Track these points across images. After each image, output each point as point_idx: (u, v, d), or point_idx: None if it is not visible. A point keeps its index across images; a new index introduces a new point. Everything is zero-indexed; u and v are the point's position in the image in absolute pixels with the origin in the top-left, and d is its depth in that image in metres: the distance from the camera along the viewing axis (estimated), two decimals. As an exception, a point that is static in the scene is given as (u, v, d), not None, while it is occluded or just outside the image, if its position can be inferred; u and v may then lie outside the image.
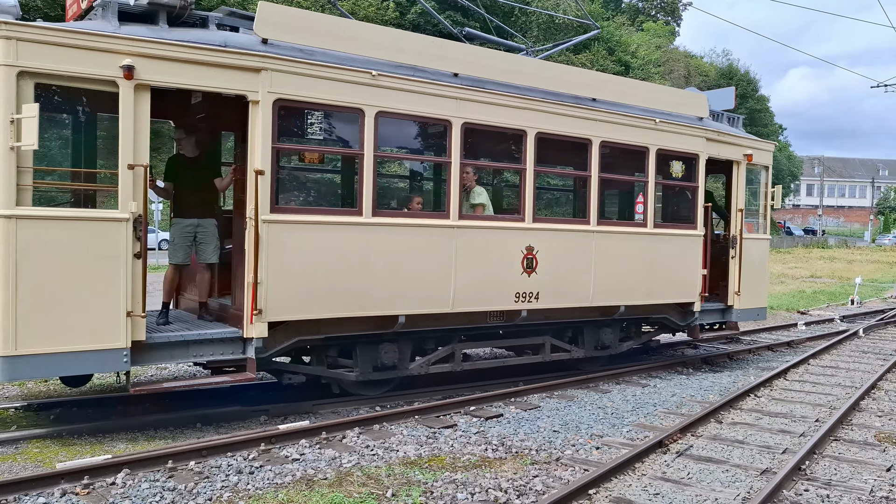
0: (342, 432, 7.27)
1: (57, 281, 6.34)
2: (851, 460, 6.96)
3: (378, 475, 6.16)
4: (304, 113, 8.02)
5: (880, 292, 27.68)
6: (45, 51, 6.23)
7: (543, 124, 9.11)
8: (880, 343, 14.75)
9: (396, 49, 8.16)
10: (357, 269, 7.76)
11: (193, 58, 6.87)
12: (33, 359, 6.29)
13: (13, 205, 6.16)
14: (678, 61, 71.72)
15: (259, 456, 6.51)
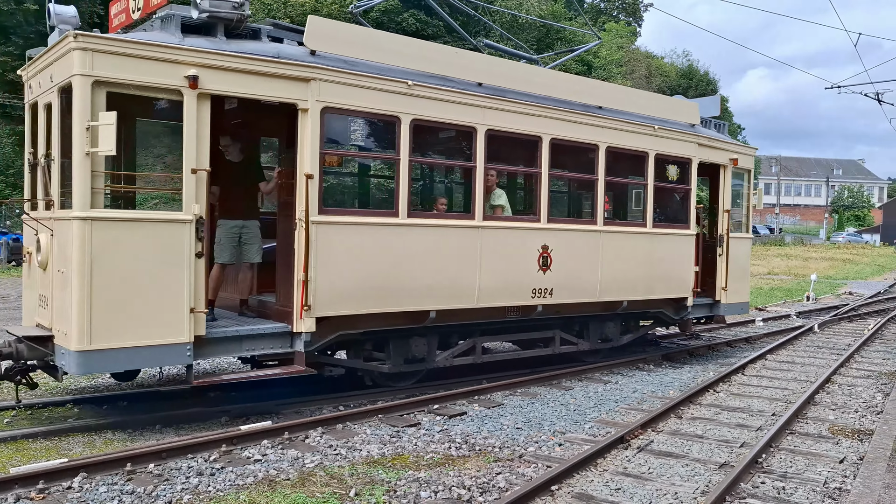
0: (305, 432, 7.22)
1: (127, 279, 6.63)
2: (806, 453, 7.12)
3: (341, 475, 6.14)
4: (348, 120, 8.62)
5: (834, 289, 28.37)
6: (117, 61, 6.52)
7: (557, 131, 9.67)
8: (834, 338, 15.12)
9: (427, 60, 8.64)
10: (393, 267, 8.20)
11: (250, 68, 7.23)
12: (106, 353, 6.58)
13: (88, 207, 6.45)
14: (639, 62, 72.62)
15: (220, 457, 6.44)
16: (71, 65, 6.46)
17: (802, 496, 5.94)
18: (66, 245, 6.62)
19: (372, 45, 8.23)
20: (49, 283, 7.11)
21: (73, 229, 6.45)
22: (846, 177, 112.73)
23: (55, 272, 6.95)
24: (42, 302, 7.37)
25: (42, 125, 7.51)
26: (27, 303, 8.04)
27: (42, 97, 7.43)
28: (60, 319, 6.82)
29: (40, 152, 7.52)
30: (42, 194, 7.48)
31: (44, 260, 7.18)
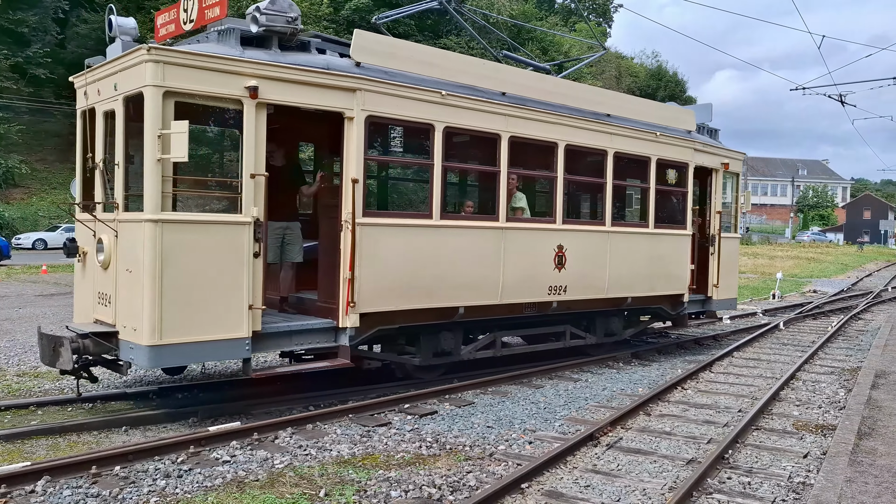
0: (275, 433, 7.17)
1: (193, 278, 7.01)
2: (771, 448, 7.24)
3: (311, 475, 6.10)
4: (388, 128, 9.13)
5: (799, 287, 28.87)
6: (185, 73, 6.90)
7: (571, 137, 10.28)
8: (799, 335, 15.39)
9: (457, 71, 9.18)
10: (427, 266, 8.73)
11: (303, 79, 7.66)
12: (174, 348, 6.96)
13: (159, 210, 6.82)
14: (610, 62, 73.20)
15: (188, 459, 6.36)
16: (143, 76, 6.81)
17: (767, 491, 6.03)
18: (136, 246, 6.96)
19: (409, 57, 8.76)
20: (112, 282, 7.41)
21: (144, 231, 6.83)
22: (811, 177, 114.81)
23: (122, 271, 7.26)
24: (102, 299, 7.64)
25: (100, 131, 7.78)
26: (80, 300, 8.26)
27: (102, 104, 7.71)
28: (128, 316, 7.13)
29: (98, 157, 7.77)
30: (100, 197, 7.74)
31: (106, 259, 7.47)
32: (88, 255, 7.99)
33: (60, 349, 7.19)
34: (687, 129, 12.35)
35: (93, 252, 7.80)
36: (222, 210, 7.66)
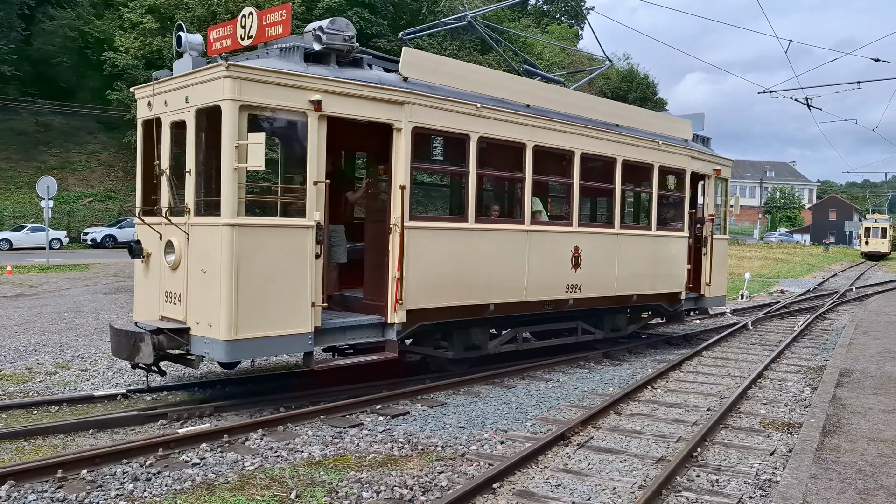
0: (245, 434, 7.11)
1: (264, 277, 7.53)
2: (739, 446, 7.34)
3: (282, 477, 6.06)
4: (430, 138, 9.70)
5: (767, 287, 29.31)
6: (258, 88, 7.43)
7: (586, 146, 11.05)
8: (766, 335, 15.62)
9: (488, 85, 9.86)
10: (463, 266, 9.38)
11: (359, 93, 8.23)
12: (248, 342, 7.50)
13: (235, 215, 7.31)
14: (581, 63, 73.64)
15: (157, 462, 6.29)
16: (221, 90, 7.32)
17: (735, 488, 6.12)
18: (213, 247, 7.44)
19: (448, 73, 9.44)
20: (182, 282, 7.85)
21: (222, 234, 7.32)
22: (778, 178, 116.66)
23: (194, 272, 7.70)
24: (171, 298, 8.05)
25: (167, 140, 8.22)
26: (142, 297, 8.71)
27: (169, 115, 8.18)
28: (202, 313, 7.59)
29: (164, 164, 8.18)
30: (166, 202, 8.15)
31: (176, 261, 7.90)
32: (153, 257, 8.44)
33: (141, 344, 7.57)
34: (684, 137, 13.27)
35: (157, 253, 8.28)
36: (288, 214, 8.07)
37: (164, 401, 8.52)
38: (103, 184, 45.64)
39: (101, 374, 9.73)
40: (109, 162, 47.67)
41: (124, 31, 43.94)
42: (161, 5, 44.09)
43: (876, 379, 9.65)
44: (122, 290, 19.22)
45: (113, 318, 14.51)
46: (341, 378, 9.43)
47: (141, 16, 43.69)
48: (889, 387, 9.17)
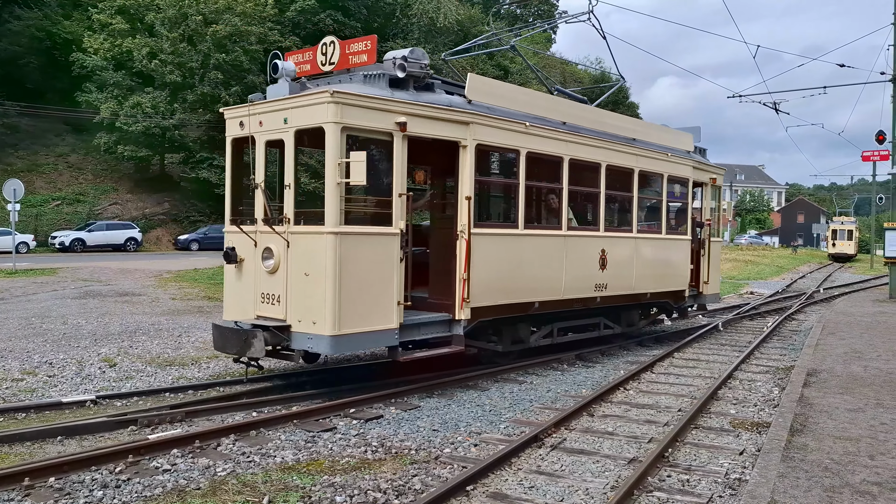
0: (217, 440, 7.06)
1: (360, 279, 8.39)
2: (709, 446, 7.44)
3: (254, 482, 6.02)
4: (489, 154, 10.74)
5: (737, 288, 29.68)
6: (354, 111, 8.33)
7: (610, 159, 12.30)
8: (736, 336, 15.83)
9: (533, 105, 11.03)
10: (514, 267, 10.46)
11: (433, 115, 9.21)
12: (349, 337, 8.36)
13: (338, 224, 8.19)
14: (555, 68, 74.17)
15: (127, 468, 6.22)
16: (325, 114, 8.21)
17: (705, 487, 6.20)
18: (316, 253, 8.31)
19: (502, 95, 10.56)
20: (282, 284, 8.68)
21: (326, 241, 8.21)
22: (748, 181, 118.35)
23: (296, 275, 8.54)
24: (268, 299, 8.86)
25: (261, 157, 9.06)
26: (234, 299, 9.51)
27: (263, 134, 9.02)
28: (304, 312, 8.44)
29: (259, 178, 8.97)
30: (261, 212, 8.92)
31: (275, 265, 8.72)
32: (246, 262, 9.22)
33: (253, 340, 8.37)
34: (687, 149, 14.68)
35: (252, 259, 9.10)
36: (376, 223, 8.88)
37: (135, 407, 8.42)
38: (72, 187, 44.96)
39: (69, 381, 9.60)
40: (78, 164, 46.98)
41: (93, 32, 43.37)
42: (131, 6, 43.60)
43: (842, 378, 9.83)
44: (90, 295, 18.96)
45: (82, 322, 14.30)
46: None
47: (110, 16, 43.15)
48: (854, 386, 9.34)
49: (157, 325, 14.32)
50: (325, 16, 52.30)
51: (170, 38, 42.21)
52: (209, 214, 45.71)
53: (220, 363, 11.07)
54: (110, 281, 22.73)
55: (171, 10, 42.89)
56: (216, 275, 25.41)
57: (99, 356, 11.17)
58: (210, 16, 43.27)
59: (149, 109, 41.94)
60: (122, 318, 15.17)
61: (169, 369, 10.54)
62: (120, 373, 10.18)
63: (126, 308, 16.77)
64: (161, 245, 42.53)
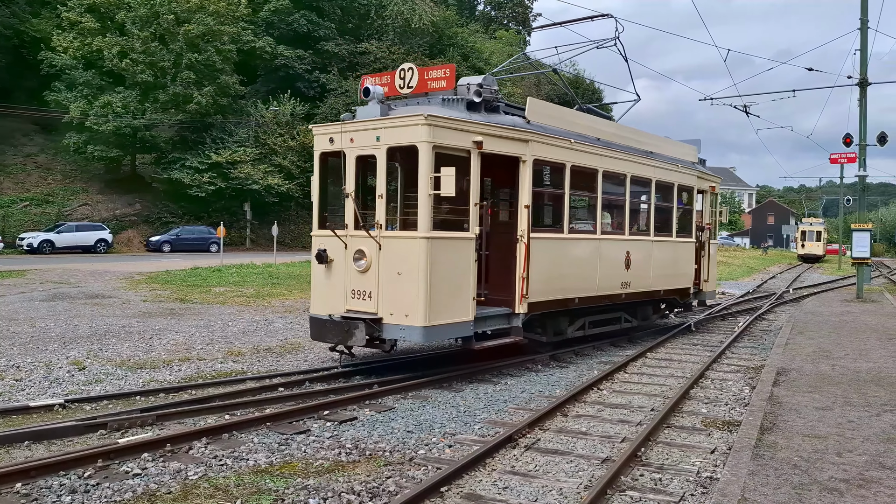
0: (188, 443, 6.98)
1: (444, 277, 9.58)
2: (681, 445, 7.51)
3: (226, 485, 5.97)
4: (542, 167, 11.76)
5: (709, 289, 29.94)
6: (442, 131, 9.50)
7: (633, 170, 13.72)
8: (708, 336, 16.01)
9: (575, 124, 12.36)
10: (560, 267, 11.74)
11: (501, 134, 10.41)
12: (436, 328, 9.55)
13: (429, 230, 9.39)
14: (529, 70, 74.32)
15: (96, 473, 6.13)
16: (419, 134, 9.35)
17: (677, 486, 6.26)
18: (409, 255, 9.48)
19: (552, 115, 11.89)
20: (373, 282, 9.78)
21: (419, 245, 9.41)
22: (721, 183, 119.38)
23: (387, 274, 9.65)
24: (358, 295, 9.95)
25: (351, 170, 10.09)
26: (321, 294, 10.52)
27: (354, 150, 10.07)
28: (396, 306, 9.54)
29: (349, 189, 10.05)
30: (351, 218, 10.08)
31: (367, 265, 9.80)
32: (335, 262, 10.26)
33: (355, 330, 9.58)
34: (692, 161, 16.37)
35: (342, 259, 10.14)
36: (455, 229, 10.11)
37: (105, 410, 8.30)
38: (40, 187, 44.24)
39: (36, 384, 9.44)
40: (47, 165, 46.25)
41: (62, 31, 42.70)
42: (101, 4, 43.01)
43: (811, 377, 9.99)
44: (59, 297, 18.67)
45: (50, 325, 14.07)
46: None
47: (80, 14, 42.54)
48: (823, 385, 9.49)
49: (127, 328, 14.14)
50: (300, 16, 52.05)
51: (141, 37, 41.73)
52: (181, 216, 45.27)
53: (192, 365, 10.95)
54: (80, 283, 22.39)
55: (142, 8, 42.40)
56: (188, 276, 25.16)
57: (68, 359, 11.00)
58: (182, 15, 42.85)
59: (119, 109, 41.45)
60: (91, 320, 14.96)
61: (140, 372, 10.41)
62: (89, 376, 10.03)
63: (96, 310, 16.54)
64: (132, 247, 41.99)
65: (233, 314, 16.66)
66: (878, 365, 10.95)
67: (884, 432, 7.21)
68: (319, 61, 53.73)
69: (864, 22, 23.55)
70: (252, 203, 46.24)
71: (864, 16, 23.55)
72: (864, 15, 23.58)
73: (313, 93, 53.26)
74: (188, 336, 13.50)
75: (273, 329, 14.73)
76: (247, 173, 43.90)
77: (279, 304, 18.90)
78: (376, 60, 53.73)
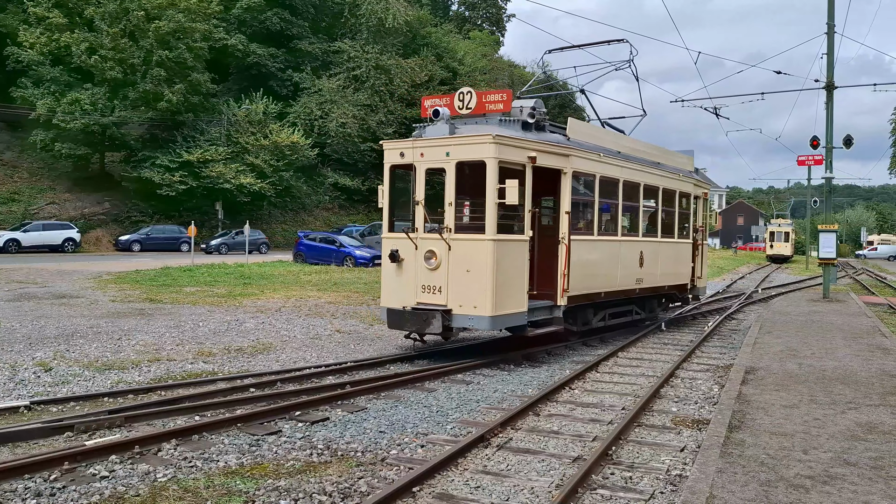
0: (157, 445, 6.89)
1: (506, 273, 11.16)
2: (652, 443, 7.58)
3: (196, 487, 5.90)
4: (578, 178, 13.19)
5: (680, 289, 30.26)
6: (504, 149, 11.09)
7: (645, 179, 15.50)
8: (678, 335, 16.18)
9: (601, 139, 14.15)
10: (590, 266, 13.37)
11: (548, 150, 12.00)
12: (500, 317, 11.15)
13: (495, 233, 11.02)
14: (502, 70, 74.61)
15: (62, 476, 6.03)
16: (487, 151, 10.94)
17: (647, 484, 6.32)
18: (477, 254, 11.03)
19: (585, 132, 13.74)
20: (443, 278, 11.29)
21: (486, 246, 10.99)
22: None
23: (456, 271, 11.18)
24: (429, 290, 11.44)
25: (421, 181, 11.64)
26: (392, 289, 11.94)
27: (424, 164, 11.60)
28: (465, 299, 11.09)
29: (419, 197, 11.60)
30: (420, 223, 11.59)
31: (437, 263, 11.31)
32: (406, 261, 11.69)
33: (433, 319, 11.10)
34: (690, 170, 18.36)
35: (412, 259, 11.61)
36: (515, 233, 11.58)
37: (72, 412, 8.16)
38: (6, 185, 43.41)
39: (1, 386, 9.26)
40: (13, 163, 45.39)
41: (29, 26, 41.93)
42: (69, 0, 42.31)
43: (778, 376, 10.14)
44: (25, 297, 18.34)
45: (16, 325, 13.81)
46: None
47: (47, 10, 41.81)
48: (789, 383, 9.64)
49: (95, 328, 13.93)
50: (272, 14, 51.68)
51: (110, 34, 41.11)
52: (151, 215, 44.71)
53: (162, 366, 10.82)
54: (47, 283, 22.02)
55: (111, 4, 41.79)
56: (158, 276, 24.86)
57: (34, 360, 10.80)
58: (153, 11, 42.31)
59: (88, 106, 40.83)
60: (58, 320, 14.71)
61: (108, 373, 10.26)
62: (56, 377, 9.86)
63: (63, 311, 16.27)
64: (101, 246, 41.36)
65: (203, 314, 16.49)
66: (844, 363, 11.15)
67: (848, 429, 7.34)
68: (292, 60, 53.42)
69: (830, 27, 23.97)
70: (224, 202, 45.80)
71: (831, 20, 23.97)
72: (830, 20, 23.99)
73: (286, 91, 52.93)
74: (158, 336, 13.34)
75: (244, 329, 14.61)
76: (218, 172, 43.47)
77: (251, 304, 18.74)
78: (350, 59, 53.56)
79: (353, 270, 30.42)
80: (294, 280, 25.51)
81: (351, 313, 17.58)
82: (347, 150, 52.13)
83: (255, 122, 47.48)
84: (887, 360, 11.58)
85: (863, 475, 5.91)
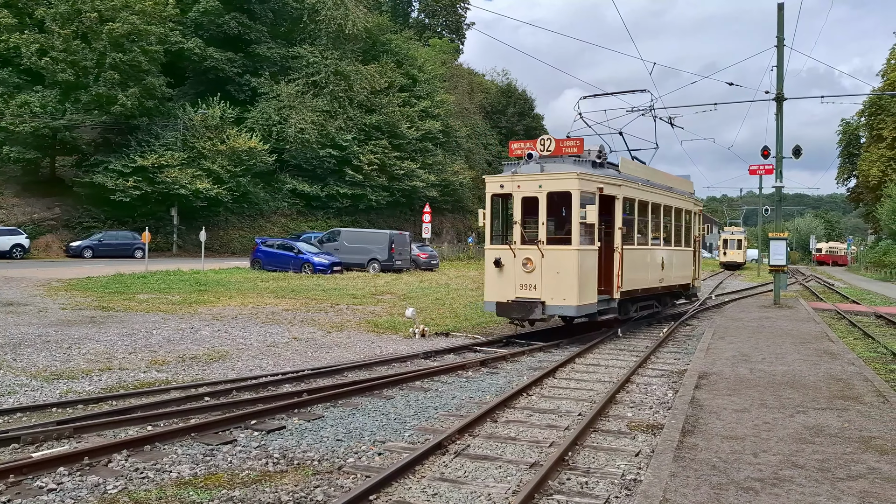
0: (108, 456, 6.75)
1: (584, 274, 14.62)
2: (607, 448, 7.67)
3: (148, 499, 5.79)
4: (624, 202, 16.34)
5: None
6: (582, 182, 14.54)
7: (664, 201, 19.39)
8: (634, 341, 16.40)
9: (637, 171, 18.01)
10: (634, 269, 16.98)
11: (608, 182, 15.42)
12: (581, 306, 14.61)
13: (578, 245, 14.50)
14: (462, 77, 74.93)
15: (7, 489, 5.86)
16: (571, 184, 14.48)
17: (603, 489, 6.39)
18: (565, 260, 14.55)
19: (629, 167, 17.42)
20: (538, 278, 14.73)
21: (572, 254, 14.50)
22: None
23: (548, 272, 14.62)
24: (525, 288, 14.86)
25: (519, 206, 15.08)
26: (495, 287, 15.27)
27: (521, 193, 15.08)
28: (555, 293, 14.56)
29: (517, 217, 15.04)
30: (518, 237, 15.05)
31: (534, 266, 14.74)
32: (506, 266, 15.06)
33: (535, 308, 14.51)
34: (690, 191, 22.49)
35: (511, 264, 14.99)
36: (589, 244, 14.91)
37: (19, 423, 7.93)
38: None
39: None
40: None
41: (-24, 27, 40.73)
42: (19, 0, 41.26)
43: (730, 381, 10.35)
44: (-29, 305, 17.75)
45: None
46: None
47: (-4, 10, 40.66)
48: (741, 388, 9.85)
49: (44, 337, 13.57)
50: (230, 18, 51.09)
51: (62, 35, 40.16)
52: (104, 220, 43.71)
53: (114, 375, 10.59)
54: (-7, 290, 21.36)
55: (63, 5, 40.84)
56: (111, 283, 24.34)
57: (-22, 370, 10.47)
58: (106, 13, 41.45)
59: (38, 109, 39.79)
60: (5, 329, 14.30)
61: (56, 383, 10.00)
62: (1, 387, 9.58)
63: (10, 318, 15.81)
64: (51, 252, 40.29)
65: (157, 322, 16.18)
66: (793, 368, 11.43)
67: (796, 433, 7.52)
68: (251, 64, 52.84)
69: (780, 40, 24.63)
70: (179, 208, 45.03)
71: (781, 34, 24.64)
72: (780, 34, 24.66)
73: (244, 96, 52.32)
74: (109, 345, 13.05)
75: (199, 337, 14.38)
76: (174, 177, 42.68)
77: (206, 311, 18.46)
78: (309, 65, 53.19)
79: (311, 277, 30.18)
80: (251, 287, 25.20)
81: (309, 320, 17.43)
82: (306, 156, 51.70)
83: (211, 127, 46.78)
84: (834, 364, 11.90)
85: (810, 477, 6.06)
